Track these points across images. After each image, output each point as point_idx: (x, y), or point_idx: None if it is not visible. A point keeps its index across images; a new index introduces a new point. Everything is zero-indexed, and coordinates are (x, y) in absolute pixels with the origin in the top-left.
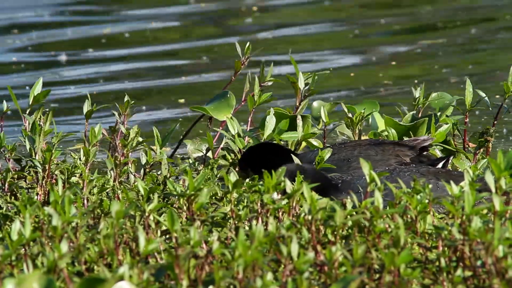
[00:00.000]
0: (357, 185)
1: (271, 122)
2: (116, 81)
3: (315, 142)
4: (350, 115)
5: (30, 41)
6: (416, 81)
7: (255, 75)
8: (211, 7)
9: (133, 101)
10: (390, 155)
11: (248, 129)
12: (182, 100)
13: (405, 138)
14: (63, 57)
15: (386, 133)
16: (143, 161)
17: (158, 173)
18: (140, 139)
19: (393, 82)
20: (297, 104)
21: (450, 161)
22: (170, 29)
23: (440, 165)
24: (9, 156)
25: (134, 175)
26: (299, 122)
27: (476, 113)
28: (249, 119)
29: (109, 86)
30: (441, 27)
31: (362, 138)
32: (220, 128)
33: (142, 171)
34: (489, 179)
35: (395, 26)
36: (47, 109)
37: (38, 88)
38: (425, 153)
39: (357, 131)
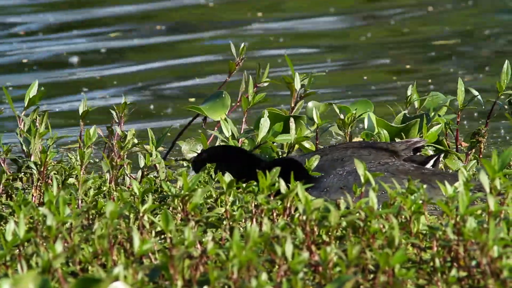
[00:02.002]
0: (324, 185)
1: (265, 124)
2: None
3: (307, 144)
4: (342, 116)
5: None
6: None
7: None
8: None
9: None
10: (384, 155)
11: (242, 131)
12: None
13: (397, 140)
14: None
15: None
16: (141, 164)
17: (154, 175)
18: (136, 141)
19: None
20: (292, 105)
21: (440, 158)
22: None
23: (430, 163)
24: (4, 157)
25: (130, 177)
26: (292, 124)
27: (475, 114)
28: (243, 120)
29: None
30: None
31: (354, 139)
32: (216, 128)
33: (139, 173)
34: (484, 179)
35: None
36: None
37: (33, 90)
38: (418, 154)
39: (348, 132)
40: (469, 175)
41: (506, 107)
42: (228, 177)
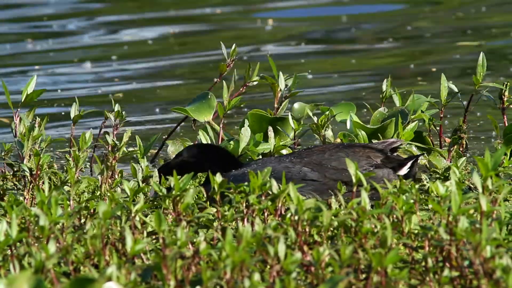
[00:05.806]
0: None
1: (245, 133)
2: None
3: (285, 151)
4: (315, 119)
5: None
6: None
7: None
8: None
9: None
10: (361, 156)
11: (220, 136)
12: None
13: (374, 140)
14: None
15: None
16: (139, 176)
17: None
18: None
19: None
20: (276, 105)
21: (418, 161)
22: None
23: (408, 165)
24: (4, 158)
25: (121, 181)
26: (271, 133)
27: (477, 114)
28: (221, 126)
29: None
30: None
31: (337, 140)
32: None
33: (132, 182)
34: (476, 178)
35: None
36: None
37: (31, 86)
38: (395, 154)
39: (323, 135)
40: (461, 173)
41: (496, 103)
42: (219, 177)
